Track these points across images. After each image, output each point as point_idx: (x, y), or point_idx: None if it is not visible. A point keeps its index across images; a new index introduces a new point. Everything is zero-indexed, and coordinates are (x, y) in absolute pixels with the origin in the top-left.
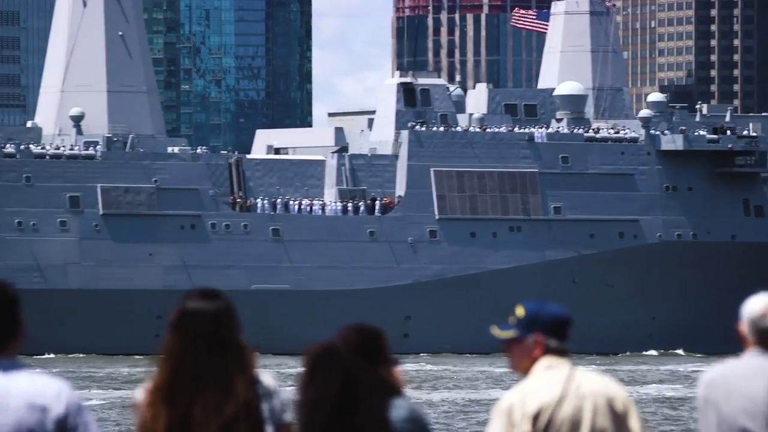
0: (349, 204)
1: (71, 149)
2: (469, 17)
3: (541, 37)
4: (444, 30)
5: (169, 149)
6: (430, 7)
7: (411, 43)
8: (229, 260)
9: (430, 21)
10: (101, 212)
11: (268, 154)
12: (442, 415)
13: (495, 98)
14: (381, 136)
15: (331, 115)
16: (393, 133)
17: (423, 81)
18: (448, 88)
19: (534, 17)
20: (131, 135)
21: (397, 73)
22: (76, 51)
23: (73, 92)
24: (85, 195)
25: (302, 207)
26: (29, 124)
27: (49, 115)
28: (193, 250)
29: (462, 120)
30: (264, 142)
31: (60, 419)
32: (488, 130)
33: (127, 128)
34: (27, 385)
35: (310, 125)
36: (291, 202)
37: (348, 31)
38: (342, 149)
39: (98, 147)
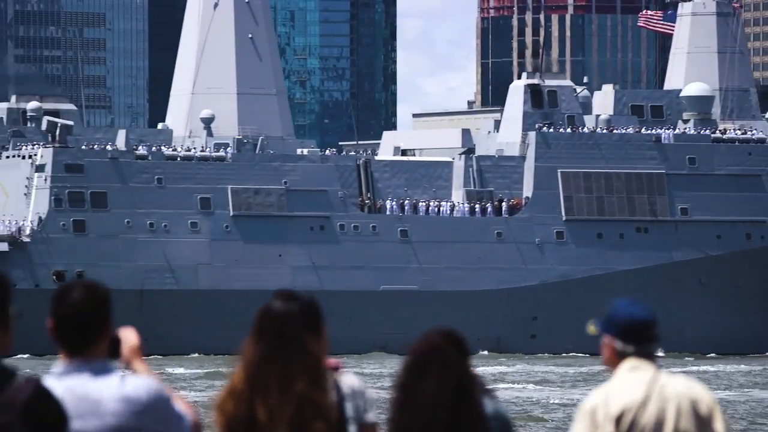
0: (477, 205)
1: (202, 151)
2: (554, 18)
3: (625, 37)
4: (528, 30)
5: (299, 151)
6: (515, 8)
7: (536, 44)
8: (357, 261)
9: (514, 21)
10: (231, 213)
11: (394, 155)
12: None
13: (621, 99)
14: (508, 137)
15: (415, 116)
16: (520, 135)
17: (550, 82)
18: (575, 89)
19: (660, 18)
20: (261, 137)
21: (525, 74)
22: (206, 54)
23: (204, 94)
24: (215, 196)
25: (430, 208)
26: (160, 126)
27: (179, 117)
28: (321, 251)
29: (588, 121)
30: (391, 143)
31: (153, 417)
32: (615, 131)
33: (256, 130)
34: (119, 386)
35: (394, 126)
36: (419, 204)
37: (431, 32)
38: (469, 151)
39: (228, 149)
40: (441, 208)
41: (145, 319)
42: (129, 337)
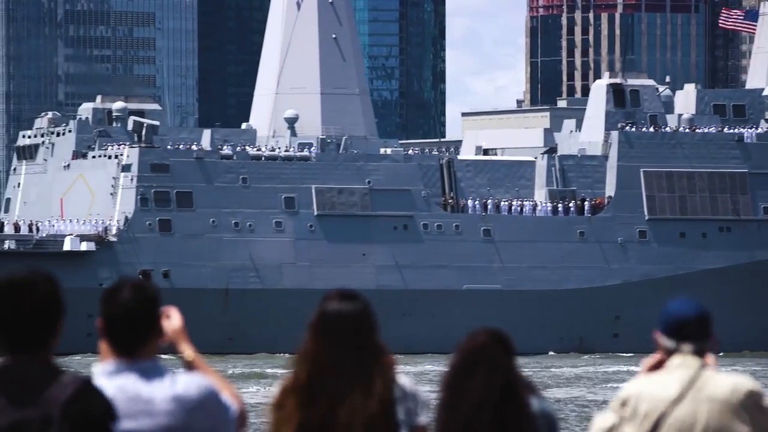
0: (559, 204)
1: (286, 151)
2: (603, 16)
3: (675, 36)
4: (578, 29)
5: (382, 150)
6: (564, 6)
7: (621, 43)
8: (440, 260)
9: (564, 20)
10: (316, 213)
11: (476, 154)
12: None
13: (703, 99)
14: (590, 136)
15: (464, 115)
16: (602, 134)
17: (632, 82)
18: (657, 88)
19: (742, 17)
20: (344, 136)
21: (607, 73)
22: (290, 54)
23: (287, 94)
24: (299, 196)
25: (512, 207)
26: (244, 126)
27: (263, 117)
28: (405, 251)
29: (671, 120)
30: (473, 142)
31: (204, 415)
32: (697, 130)
33: (340, 130)
34: (170, 385)
35: (443, 126)
36: (502, 203)
37: (479, 31)
38: (551, 150)
39: (312, 148)
40: (523, 208)
41: (230, 318)
42: (173, 317)
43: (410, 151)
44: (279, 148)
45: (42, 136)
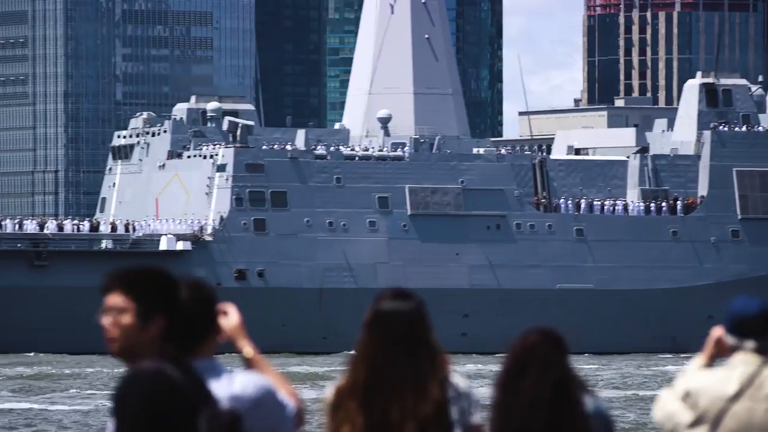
0: (652, 204)
1: (380, 150)
2: (661, 15)
3: (733, 34)
4: (635, 28)
5: (474, 150)
6: (622, 6)
7: (709, 42)
8: (533, 260)
9: (621, 19)
10: (409, 212)
11: (568, 154)
12: None
13: None
14: (683, 136)
15: (521, 114)
16: (695, 134)
17: (725, 81)
18: (750, 88)
19: None
20: (438, 136)
21: (699, 73)
22: (383, 54)
23: (381, 94)
24: (393, 196)
25: (605, 207)
26: (337, 125)
27: (356, 117)
28: (498, 250)
29: (764, 120)
30: (564, 142)
31: (261, 413)
32: None
33: (433, 129)
34: (227, 385)
35: (500, 125)
36: (594, 202)
37: (535, 30)
38: (643, 149)
39: (406, 148)
40: (616, 207)
41: (324, 317)
42: (230, 313)
43: (503, 151)
44: (372, 147)
45: (137, 136)
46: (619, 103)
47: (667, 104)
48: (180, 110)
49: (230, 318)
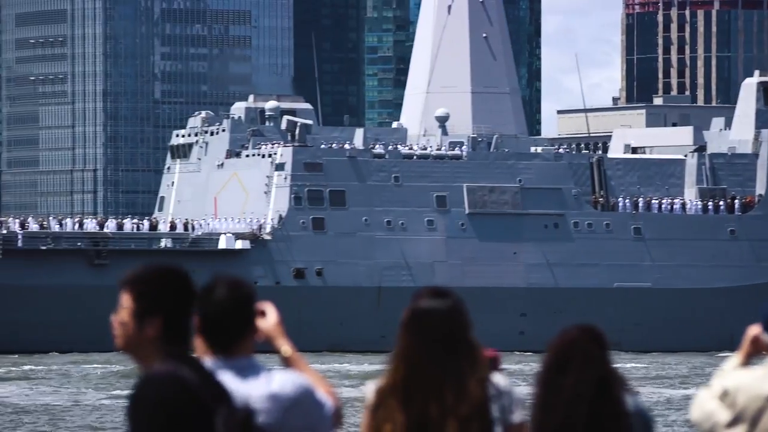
0: (709, 203)
1: (437, 149)
2: (699, 13)
3: None
4: (674, 26)
5: (532, 149)
6: (660, 4)
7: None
8: (591, 259)
9: (660, 17)
10: (467, 211)
11: (625, 153)
12: None
13: None
14: (740, 134)
15: (560, 112)
16: (753, 132)
17: None
18: None
19: None
20: (495, 135)
21: (757, 72)
22: (441, 53)
23: (438, 93)
24: (451, 194)
25: (663, 206)
26: (395, 124)
27: (414, 115)
28: (556, 249)
29: None
30: (621, 140)
31: (299, 412)
32: None
33: (490, 128)
34: (265, 384)
35: (539, 123)
36: (652, 201)
37: (573, 28)
38: (700, 148)
39: (464, 147)
40: (674, 206)
41: (382, 316)
42: (268, 312)
43: (560, 150)
44: (430, 146)
45: (195, 135)
46: (658, 101)
47: (706, 102)
48: (238, 109)
49: (268, 317)
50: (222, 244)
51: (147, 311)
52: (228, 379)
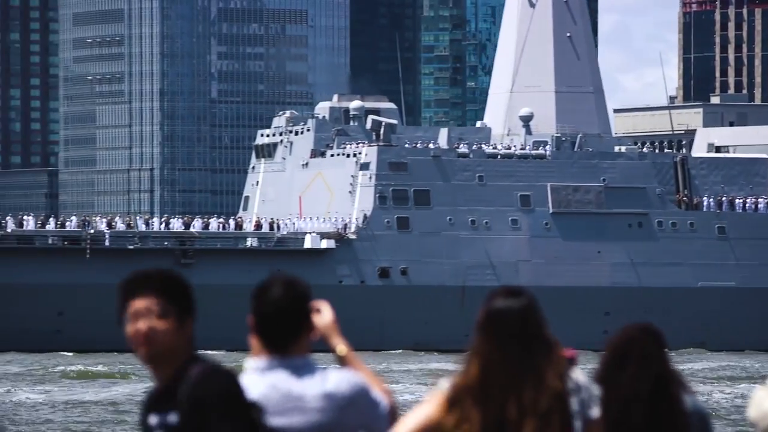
0: None
1: (521, 149)
2: (757, 12)
3: None
4: (731, 25)
5: (616, 148)
6: (718, 2)
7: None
8: (675, 258)
9: (717, 16)
10: (551, 211)
11: (708, 152)
12: None
13: None
14: None
15: (617, 111)
16: None
17: None
18: None
19: None
20: (579, 134)
21: None
22: (525, 53)
23: (522, 93)
24: (535, 194)
25: (747, 205)
26: (478, 124)
27: (498, 115)
28: (640, 248)
29: None
30: (704, 140)
31: (355, 411)
32: None
33: (574, 128)
34: (321, 382)
35: None
36: (736, 200)
37: (629, 27)
38: None
39: (547, 146)
40: (758, 205)
41: (466, 315)
42: (324, 310)
43: (644, 149)
44: (514, 146)
45: (280, 134)
46: (715, 100)
47: (763, 101)
48: (322, 109)
49: (323, 315)
50: (307, 244)
51: (185, 311)
52: (283, 378)
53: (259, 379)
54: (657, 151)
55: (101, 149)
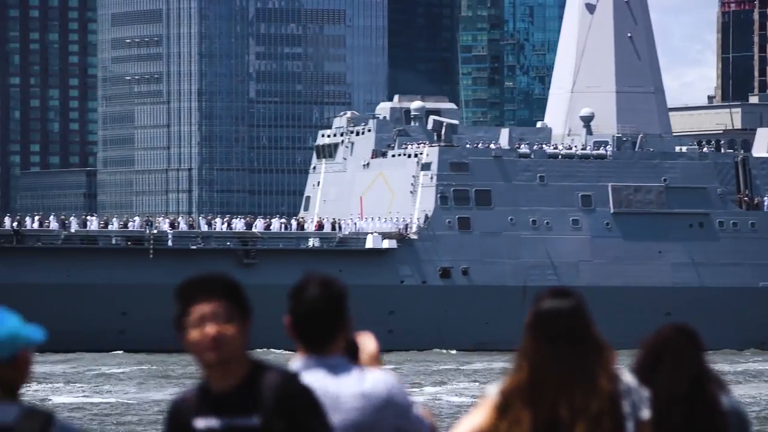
0: None
1: (582, 149)
2: None
3: None
4: None
5: (677, 148)
6: (757, 2)
7: None
8: (736, 258)
9: (756, 15)
10: (612, 211)
11: None
12: None
13: None
14: None
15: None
16: None
17: None
18: None
19: None
20: (640, 135)
21: None
22: (586, 53)
23: (583, 93)
24: (596, 194)
25: None
26: (539, 124)
27: (558, 115)
28: (701, 248)
29: None
30: (765, 140)
31: (392, 412)
32: None
33: (635, 128)
34: (358, 382)
35: None
36: None
37: (666, 26)
38: None
39: (608, 147)
40: None
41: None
42: (367, 343)
43: (705, 149)
44: (575, 146)
45: (341, 135)
46: (754, 99)
47: None
48: (383, 109)
49: (367, 347)
50: (369, 244)
51: (245, 316)
52: (320, 377)
53: None
54: (705, 150)
55: (140, 149)
